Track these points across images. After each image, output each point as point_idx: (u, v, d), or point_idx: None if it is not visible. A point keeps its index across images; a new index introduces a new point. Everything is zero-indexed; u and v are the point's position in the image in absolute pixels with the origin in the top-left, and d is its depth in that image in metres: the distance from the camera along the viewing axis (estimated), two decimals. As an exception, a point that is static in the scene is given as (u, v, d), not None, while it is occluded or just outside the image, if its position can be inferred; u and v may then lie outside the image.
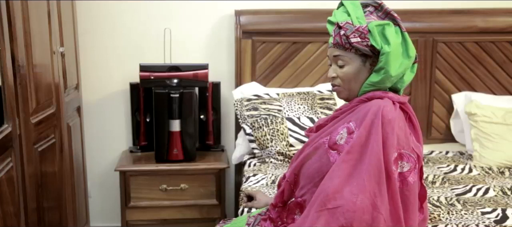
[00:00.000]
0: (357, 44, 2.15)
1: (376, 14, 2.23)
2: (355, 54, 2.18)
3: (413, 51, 2.17)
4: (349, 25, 2.17)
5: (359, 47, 2.15)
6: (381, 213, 2.00)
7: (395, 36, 2.14)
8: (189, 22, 4.21)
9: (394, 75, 2.14)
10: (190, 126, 3.90)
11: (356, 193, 2.00)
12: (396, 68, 2.13)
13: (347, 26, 2.17)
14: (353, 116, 2.18)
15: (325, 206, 2.03)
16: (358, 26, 2.15)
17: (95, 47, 4.21)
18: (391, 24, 2.16)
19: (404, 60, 2.15)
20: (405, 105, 2.20)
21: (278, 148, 3.64)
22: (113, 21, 4.18)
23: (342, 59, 2.21)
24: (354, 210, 1.99)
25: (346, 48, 2.19)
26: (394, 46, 2.11)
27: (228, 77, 4.29)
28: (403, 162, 2.08)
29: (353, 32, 2.15)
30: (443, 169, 3.57)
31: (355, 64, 2.19)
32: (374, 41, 2.12)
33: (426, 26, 4.14)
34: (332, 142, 2.18)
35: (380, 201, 2.00)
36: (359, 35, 2.14)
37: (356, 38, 2.15)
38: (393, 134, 2.06)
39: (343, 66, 2.22)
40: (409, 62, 2.17)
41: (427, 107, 4.25)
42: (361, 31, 2.14)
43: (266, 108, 3.80)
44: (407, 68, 2.18)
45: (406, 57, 2.16)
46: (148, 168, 3.93)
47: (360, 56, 2.18)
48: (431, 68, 4.19)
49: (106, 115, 4.33)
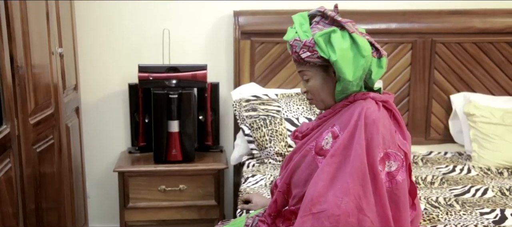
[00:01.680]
0: (309, 58, 2.14)
1: (322, 23, 2.20)
2: (314, 67, 2.17)
3: (366, 50, 2.11)
4: (297, 41, 2.15)
5: (312, 60, 2.14)
6: (367, 215, 1.99)
7: (341, 42, 2.09)
8: (188, 23, 4.21)
9: (352, 79, 2.11)
10: (188, 127, 3.89)
11: (340, 196, 1.99)
12: (352, 73, 2.10)
13: (296, 43, 2.15)
14: (337, 119, 2.17)
15: (310, 211, 2.03)
16: (305, 41, 2.13)
17: (94, 47, 4.20)
18: (336, 30, 2.12)
19: (359, 61, 2.10)
20: (388, 103, 2.18)
21: (276, 148, 3.64)
22: (112, 21, 4.18)
23: (306, 74, 2.21)
24: (339, 214, 1.98)
25: (303, 63, 2.18)
26: (341, 52, 2.08)
27: (227, 78, 4.29)
28: (390, 162, 2.07)
29: (302, 48, 2.14)
30: (441, 170, 3.57)
31: (318, 76, 2.19)
32: (322, 52, 2.10)
33: (425, 27, 4.14)
34: (318, 147, 2.18)
35: (365, 203, 1.99)
36: (307, 49, 2.13)
37: (306, 52, 2.13)
38: (378, 134, 2.05)
39: (309, 80, 2.22)
40: (366, 62, 2.11)
41: (425, 107, 4.25)
42: (308, 45, 2.13)
43: (265, 109, 3.80)
44: (366, 67, 2.13)
45: (360, 57, 2.10)
46: (147, 168, 3.92)
47: (320, 67, 2.17)
48: (429, 69, 4.19)
49: (104, 116, 4.32)
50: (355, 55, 2.10)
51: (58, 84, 3.43)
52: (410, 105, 4.25)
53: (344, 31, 2.13)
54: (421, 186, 3.27)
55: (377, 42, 4.11)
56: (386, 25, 4.13)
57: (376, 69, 2.19)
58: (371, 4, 4.19)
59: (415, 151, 3.95)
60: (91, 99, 4.28)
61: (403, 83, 4.22)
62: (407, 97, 4.24)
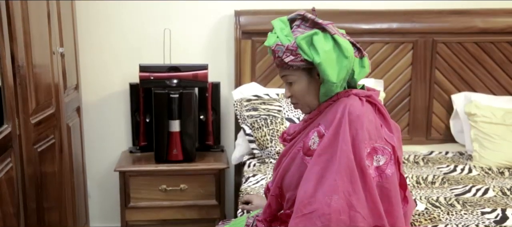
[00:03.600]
0: (292, 62, 2.13)
1: (303, 26, 2.19)
2: (298, 70, 2.16)
3: (348, 51, 2.10)
4: (279, 46, 2.14)
5: (295, 64, 2.13)
6: (358, 212, 1.98)
7: (324, 43, 2.09)
8: (189, 23, 4.21)
9: (336, 81, 2.11)
10: (189, 127, 3.90)
11: (329, 194, 1.99)
12: (336, 74, 2.10)
13: (278, 48, 2.14)
14: (322, 119, 2.17)
15: (301, 212, 2.03)
16: (287, 45, 2.12)
17: (95, 47, 4.21)
18: (318, 32, 2.11)
19: (342, 62, 2.10)
20: (371, 97, 2.17)
21: (277, 148, 3.64)
22: (113, 21, 4.18)
23: (290, 78, 2.20)
24: (329, 212, 1.97)
25: (287, 68, 2.17)
26: (324, 54, 2.07)
27: (228, 78, 4.30)
28: (378, 156, 2.06)
29: (284, 52, 2.12)
30: (442, 170, 3.57)
31: (303, 79, 2.18)
32: (305, 55, 2.10)
33: (426, 27, 4.14)
34: (306, 148, 2.17)
35: (355, 199, 1.99)
36: (290, 53, 2.12)
37: (289, 56, 2.12)
38: (362, 130, 2.04)
39: (292, 84, 2.21)
40: (349, 63, 2.11)
41: (426, 107, 4.25)
42: (290, 48, 2.11)
43: (266, 109, 3.80)
44: (349, 68, 2.13)
45: (343, 58, 2.10)
46: (148, 168, 3.93)
47: (304, 71, 2.16)
48: (430, 69, 4.19)
49: (105, 116, 4.33)
50: (338, 56, 2.10)
51: (59, 83, 3.43)
52: (411, 105, 4.25)
53: (325, 33, 2.12)
54: (422, 185, 3.27)
55: (378, 42, 4.15)
56: (387, 25, 4.13)
57: (359, 69, 2.19)
58: (372, 4, 4.18)
59: (416, 151, 3.96)
60: (92, 99, 4.28)
61: (404, 83, 4.22)
62: (408, 97, 4.24)
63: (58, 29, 3.47)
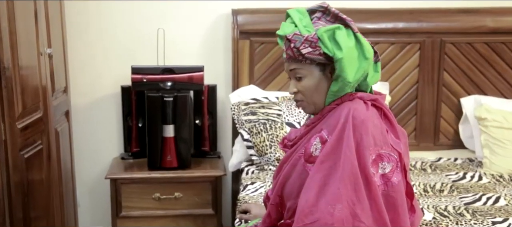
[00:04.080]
0: (310, 54, 2.12)
1: (324, 19, 2.20)
2: (311, 64, 2.15)
3: (369, 52, 2.13)
4: (297, 36, 2.14)
5: (312, 57, 2.12)
6: (362, 222, 1.98)
7: (347, 40, 2.10)
8: (184, 22, 4.22)
9: (352, 81, 2.11)
10: (184, 132, 3.90)
11: (332, 203, 1.99)
12: (353, 74, 2.11)
13: (296, 38, 2.14)
14: (325, 123, 2.17)
15: (302, 222, 2.02)
16: (307, 35, 2.12)
17: (85, 48, 4.21)
18: (341, 27, 2.12)
19: (361, 63, 2.11)
20: (377, 101, 2.18)
21: (277, 154, 3.65)
22: (104, 21, 4.19)
23: (299, 72, 2.19)
24: (332, 222, 1.97)
25: (300, 61, 2.16)
26: (347, 51, 2.08)
27: (225, 80, 4.30)
28: (383, 163, 2.06)
29: (303, 43, 2.12)
30: (451, 177, 3.57)
31: (314, 75, 2.17)
32: (325, 48, 2.10)
33: (433, 26, 4.14)
34: (307, 154, 2.17)
35: (360, 209, 1.99)
36: (309, 44, 2.12)
37: (307, 48, 2.12)
38: (367, 135, 2.04)
39: (301, 79, 2.19)
40: (367, 64, 2.13)
41: (434, 111, 4.25)
42: (310, 40, 2.11)
43: (265, 113, 3.81)
44: (366, 70, 2.14)
45: (363, 59, 2.11)
46: (140, 175, 3.93)
47: (318, 66, 2.15)
48: (438, 70, 4.20)
49: (96, 120, 4.33)
50: (359, 56, 2.11)
51: (47, 86, 3.43)
52: (418, 108, 4.25)
53: (348, 29, 2.14)
54: (429, 194, 3.28)
55: (383, 43, 4.16)
56: (393, 24, 4.14)
57: (373, 73, 2.20)
58: (376, 3, 4.19)
59: (423, 157, 3.96)
60: (81, 102, 4.29)
61: (410, 86, 4.23)
62: (415, 100, 4.25)
63: (46, 29, 3.47)
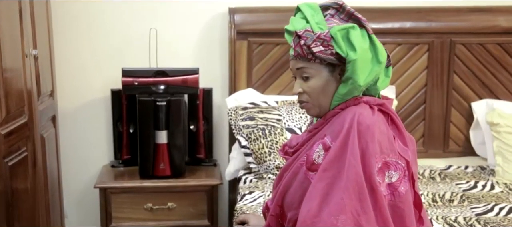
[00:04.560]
0: (320, 53, 2.11)
1: (338, 17, 2.18)
2: (321, 64, 2.14)
3: (383, 56, 2.13)
4: (309, 32, 2.12)
5: (323, 56, 2.11)
6: None
7: (361, 41, 2.09)
8: (178, 22, 4.21)
9: (362, 84, 2.11)
10: (178, 138, 3.90)
11: (335, 214, 1.98)
12: (365, 77, 2.10)
13: (307, 34, 2.12)
14: (328, 129, 2.16)
15: None
16: (319, 33, 2.10)
17: (73, 49, 4.21)
18: (356, 27, 2.11)
19: (374, 66, 2.11)
20: (384, 106, 2.17)
21: (277, 162, 3.64)
22: (93, 20, 4.19)
23: (307, 72, 2.17)
24: None
25: (309, 59, 2.15)
26: (361, 52, 2.07)
27: (221, 83, 4.30)
28: (390, 172, 2.05)
29: (314, 41, 2.11)
30: (461, 186, 3.56)
31: (322, 75, 2.16)
32: (338, 48, 2.08)
33: (443, 26, 4.14)
34: (309, 162, 2.16)
35: (365, 220, 1.98)
36: (321, 43, 2.10)
37: (318, 46, 2.10)
38: (373, 142, 2.03)
39: (308, 79, 2.18)
40: (380, 68, 2.13)
41: (443, 116, 4.25)
42: (322, 38, 2.10)
43: (264, 118, 3.80)
44: (377, 74, 2.14)
45: (376, 62, 2.11)
46: (132, 184, 3.93)
47: (327, 66, 2.14)
48: (448, 73, 4.19)
49: (84, 125, 4.33)
50: (372, 58, 2.11)
51: (32, 89, 3.42)
52: (427, 113, 4.25)
53: (362, 29, 2.13)
54: (439, 204, 3.27)
55: (390, 43, 4.15)
56: (400, 24, 4.14)
57: (383, 78, 2.20)
58: (383, 1, 4.19)
59: (432, 165, 3.95)
60: (69, 107, 4.28)
61: (418, 89, 4.23)
62: (423, 104, 4.24)
63: (31, 29, 3.46)
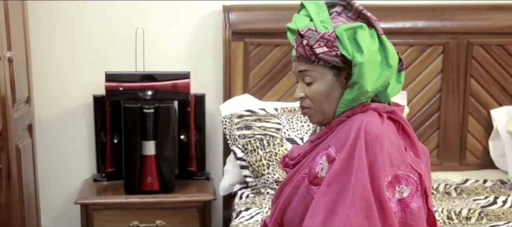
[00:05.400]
0: (324, 55, 2.10)
1: (345, 15, 2.17)
2: (325, 67, 2.13)
3: (394, 59, 2.11)
4: (312, 32, 2.11)
5: (327, 58, 2.10)
6: None
7: (369, 42, 2.08)
8: (167, 21, 4.22)
9: (370, 90, 2.09)
10: (167, 149, 3.89)
11: None
12: (373, 82, 2.09)
13: (310, 34, 2.11)
14: (332, 139, 2.15)
15: None
16: (323, 33, 2.09)
17: (51, 51, 4.21)
18: (364, 27, 2.10)
19: (384, 71, 2.10)
20: (394, 113, 2.16)
21: (276, 176, 3.63)
22: (73, 20, 4.19)
23: (310, 75, 2.17)
24: None
25: (312, 61, 2.14)
26: (369, 55, 2.06)
27: (215, 88, 4.30)
28: (401, 186, 2.04)
29: (318, 41, 2.10)
30: (480, 202, 3.56)
31: (326, 79, 2.15)
32: (344, 50, 2.07)
33: (459, 25, 4.14)
34: (312, 175, 2.15)
35: None
36: (325, 43, 2.09)
37: (322, 47, 2.10)
38: (382, 153, 2.02)
39: (311, 83, 2.18)
40: (390, 73, 2.11)
41: (460, 125, 4.24)
42: (327, 38, 2.09)
43: (262, 127, 3.80)
44: (387, 79, 2.13)
45: (386, 66, 2.10)
46: (116, 200, 3.93)
47: (331, 69, 2.14)
48: (465, 77, 4.19)
49: (64, 135, 4.33)
50: (381, 62, 2.10)
51: (6, 95, 3.42)
52: (441, 122, 4.24)
53: (372, 30, 2.12)
54: (454, 222, 3.27)
55: (401, 44, 4.15)
56: (412, 23, 4.14)
57: (394, 83, 2.19)
58: (392, -2, 4.20)
59: (447, 179, 3.95)
60: (47, 114, 4.28)
61: (432, 95, 4.23)
62: (437, 112, 4.24)
63: (6, 30, 3.46)
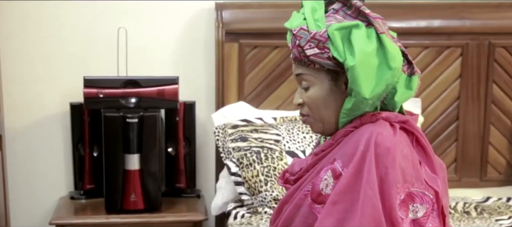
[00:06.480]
0: (315, 57, 2.09)
1: (343, 13, 2.16)
2: (321, 70, 2.13)
3: (395, 60, 2.06)
4: (304, 31, 2.11)
5: (319, 60, 2.09)
6: None
7: (364, 42, 2.05)
8: (152, 20, 4.22)
9: (369, 97, 2.06)
10: (153, 163, 3.89)
11: None
12: (371, 88, 2.06)
13: (301, 34, 2.11)
14: (338, 152, 2.13)
15: None
16: (315, 32, 2.08)
17: (23, 55, 4.21)
18: (361, 26, 2.07)
19: (383, 74, 2.05)
20: (408, 123, 2.14)
21: (275, 193, 3.62)
22: (47, 20, 4.20)
23: (306, 79, 2.17)
24: None
25: (307, 64, 2.14)
26: (362, 57, 2.03)
27: (206, 95, 4.31)
28: (415, 205, 2.03)
29: (308, 41, 2.09)
30: (503, 223, 3.56)
31: (323, 84, 2.14)
32: (335, 51, 2.06)
33: (479, 25, 4.14)
34: (316, 192, 2.13)
35: None
36: (316, 44, 2.08)
37: (313, 48, 2.09)
38: (394, 168, 2.01)
39: (308, 89, 2.18)
40: (392, 76, 2.07)
41: (480, 136, 4.24)
42: (318, 38, 2.08)
43: (259, 138, 3.79)
44: (390, 84, 2.09)
45: (386, 69, 2.06)
46: (96, 220, 3.93)
47: (328, 73, 2.13)
48: (486, 83, 4.18)
49: (37, 148, 4.32)
50: (380, 64, 2.06)
51: (-29, 104, 3.41)
52: (460, 132, 4.24)
53: (370, 28, 2.09)
54: (475, 245, 3.27)
55: (414, 46, 4.14)
56: (427, 22, 4.13)
57: (403, 90, 2.15)
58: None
59: (466, 197, 3.94)
60: (18, 125, 4.28)
61: (450, 103, 4.22)
62: (455, 121, 4.23)
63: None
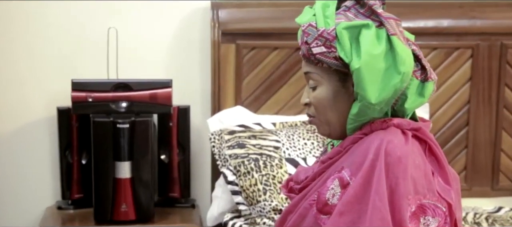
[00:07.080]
0: (322, 56, 2.10)
1: (355, 11, 2.15)
2: (329, 70, 2.13)
3: (405, 64, 2.04)
4: (312, 28, 2.11)
5: (325, 60, 2.10)
6: None
7: (372, 44, 2.05)
8: (144, 19, 4.23)
9: (375, 102, 2.06)
10: (145, 171, 3.89)
11: None
12: (378, 92, 2.05)
13: (309, 30, 2.12)
14: (346, 160, 2.13)
15: None
16: (323, 30, 2.09)
17: (7, 57, 4.22)
18: (371, 25, 2.07)
19: (391, 78, 2.04)
20: (420, 131, 2.14)
21: (274, 203, 3.61)
22: (33, 20, 4.20)
23: (313, 78, 2.18)
24: None
25: (315, 63, 2.14)
26: (368, 59, 2.02)
27: (202, 100, 4.31)
28: (427, 218, 2.03)
29: (316, 39, 2.10)
30: (516, 234, 3.56)
31: (330, 85, 2.15)
32: (342, 52, 2.06)
33: (491, 25, 4.14)
34: (321, 202, 2.13)
35: None
36: (323, 42, 2.09)
37: (320, 47, 2.09)
38: (405, 179, 2.01)
39: (315, 88, 2.18)
40: (401, 81, 2.05)
41: (492, 142, 4.24)
42: (325, 36, 2.08)
43: (257, 145, 3.79)
44: (399, 89, 2.07)
45: (395, 73, 2.04)
46: (84, 232, 3.90)
47: (336, 73, 2.13)
48: (498, 86, 4.18)
49: (22, 155, 4.32)
50: (388, 68, 2.05)
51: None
52: (470, 139, 4.23)
53: (382, 29, 2.09)
54: (486, 258, 3.27)
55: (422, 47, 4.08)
56: (435, 22, 4.14)
57: (415, 96, 2.14)
58: (412, -8, 4.20)
59: (477, 207, 3.94)
60: (3, 130, 4.29)
61: (459, 107, 4.23)
62: (465, 127, 4.23)
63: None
